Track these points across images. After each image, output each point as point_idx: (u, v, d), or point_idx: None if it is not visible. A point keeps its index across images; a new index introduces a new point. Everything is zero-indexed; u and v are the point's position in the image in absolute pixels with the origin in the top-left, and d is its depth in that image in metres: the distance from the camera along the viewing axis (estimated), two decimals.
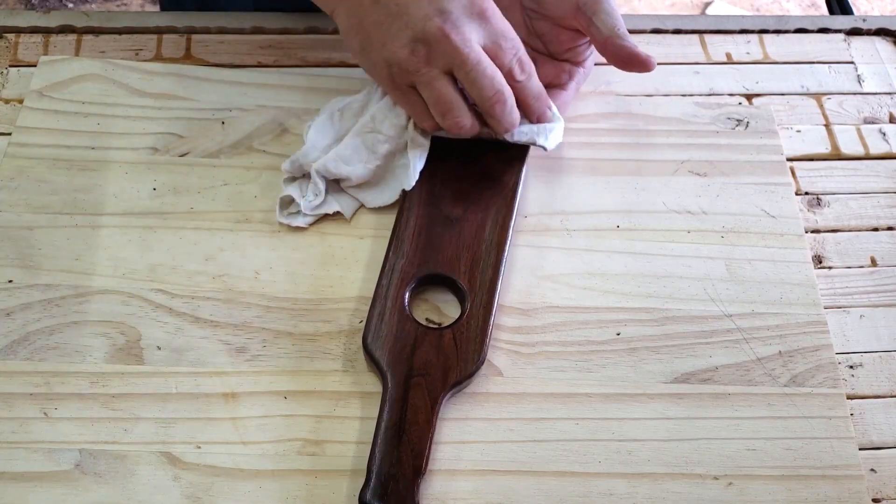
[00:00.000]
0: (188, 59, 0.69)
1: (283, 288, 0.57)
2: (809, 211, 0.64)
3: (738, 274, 0.60)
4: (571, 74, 0.64)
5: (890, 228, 0.64)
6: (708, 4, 2.02)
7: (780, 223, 0.62)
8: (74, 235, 0.59)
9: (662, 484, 0.52)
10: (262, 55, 0.69)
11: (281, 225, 0.60)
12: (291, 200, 0.60)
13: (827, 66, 0.72)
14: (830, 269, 0.62)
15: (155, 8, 1.82)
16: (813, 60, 0.73)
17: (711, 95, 0.70)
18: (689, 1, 2.03)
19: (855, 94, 0.71)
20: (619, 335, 0.57)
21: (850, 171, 0.67)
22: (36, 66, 0.66)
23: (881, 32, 0.75)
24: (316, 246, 0.59)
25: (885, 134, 0.68)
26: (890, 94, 0.71)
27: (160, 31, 0.70)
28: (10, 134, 0.63)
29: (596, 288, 0.59)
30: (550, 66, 0.64)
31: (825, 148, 0.68)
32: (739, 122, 0.67)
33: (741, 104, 0.69)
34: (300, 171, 0.60)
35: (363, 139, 0.60)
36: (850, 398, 0.56)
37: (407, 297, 0.56)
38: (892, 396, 0.56)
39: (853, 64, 0.73)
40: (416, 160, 0.60)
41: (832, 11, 1.04)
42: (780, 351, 0.57)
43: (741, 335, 0.57)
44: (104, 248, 0.58)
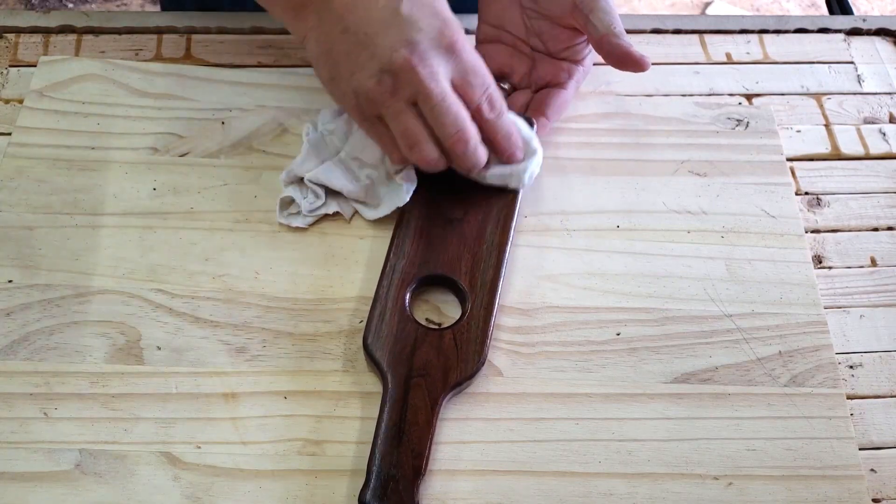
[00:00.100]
0: (188, 59, 0.69)
1: (283, 288, 0.57)
2: (809, 211, 0.64)
3: (738, 274, 0.60)
4: (570, 73, 0.64)
5: (890, 228, 0.64)
6: (708, 4, 2.02)
7: (780, 223, 0.62)
8: (74, 235, 0.59)
9: (662, 484, 0.52)
10: (262, 55, 0.69)
11: (281, 225, 0.60)
12: (291, 201, 0.60)
13: (827, 66, 0.72)
14: (830, 269, 0.62)
15: (155, 8, 1.82)
16: (813, 60, 0.73)
17: (711, 95, 0.70)
18: (689, 1, 2.03)
19: (855, 94, 0.71)
20: (619, 335, 0.57)
21: (850, 171, 0.66)
22: (36, 66, 0.66)
23: (881, 32, 0.75)
24: (316, 246, 0.59)
25: (885, 134, 0.68)
26: (890, 94, 0.71)
27: (160, 31, 0.70)
28: (10, 134, 0.63)
29: (596, 288, 0.59)
30: (549, 65, 0.64)
31: (825, 148, 0.68)
32: (739, 122, 0.67)
33: (741, 104, 0.69)
34: (296, 180, 0.60)
35: (347, 165, 0.60)
36: (850, 398, 0.56)
37: (408, 297, 0.56)
38: (892, 396, 0.56)
39: (853, 64, 0.73)
40: (406, 183, 0.59)
41: (832, 11, 1.04)
42: (780, 351, 0.57)
43: (741, 335, 0.57)
44: (104, 248, 0.58)
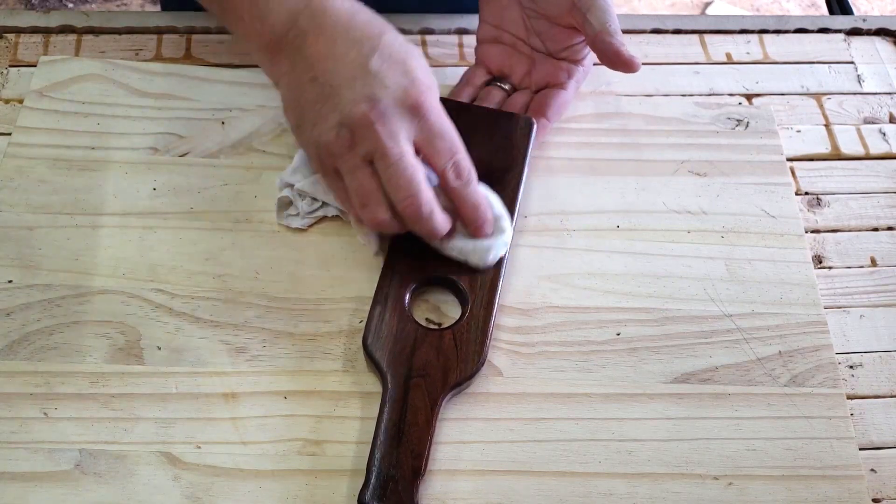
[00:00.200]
0: (188, 59, 0.69)
1: (283, 288, 0.57)
2: (809, 211, 0.64)
3: (738, 274, 0.60)
4: (570, 73, 0.64)
5: (890, 228, 0.64)
6: (708, 4, 2.02)
7: (780, 223, 0.62)
8: (74, 235, 0.59)
9: (662, 484, 0.52)
10: None
11: (281, 225, 0.60)
12: (290, 202, 0.60)
13: (827, 66, 0.72)
14: (830, 269, 0.62)
15: (155, 8, 1.82)
16: (813, 60, 0.73)
17: (711, 95, 0.70)
18: (689, 1, 2.03)
19: (855, 94, 0.71)
20: (619, 335, 0.57)
21: (850, 171, 0.66)
22: (36, 66, 0.66)
23: (881, 32, 0.75)
24: (316, 246, 0.59)
25: (885, 134, 0.68)
26: (890, 94, 0.71)
27: (160, 31, 0.70)
28: (10, 134, 0.63)
29: (596, 288, 0.59)
30: (549, 65, 0.64)
31: (825, 148, 0.68)
32: (739, 122, 0.67)
33: (741, 104, 0.69)
34: (289, 186, 0.60)
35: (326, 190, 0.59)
36: (850, 398, 0.56)
37: (407, 298, 0.55)
38: (892, 396, 0.56)
39: (853, 64, 0.73)
40: (369, 238, 0.58)
41: (832, 11, 1.04)
42: (780, 351, 0.57)
43: (741, 335, 0.57)
44: (104, 248, 0.58)
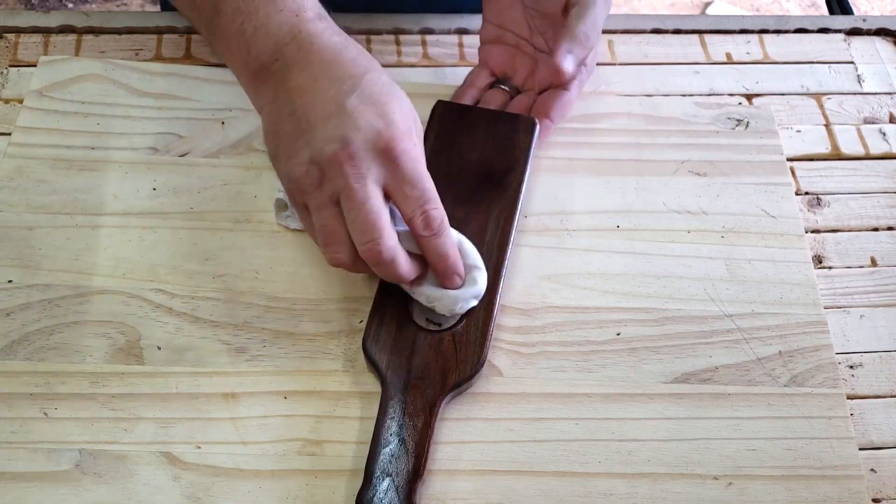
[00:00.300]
0: (188, 59, 0.69)
1: (283, 288, 0.57)
2: (809, 211, 0.64)
3: (738, 274, 0.60)
4: (573, 73, 0.64)
5: (890, 228, 0.64)
6: (708, 4, 2.02)
7: (780, 223, 0.62)
8: (74, 235, 0.59)
9: (662, 484, 0.52)
10: None
11: (280, 225, 0.60)
12: (286, 204, 0.60)
13: (827, 66, 0.72)
14: (830, 269, 0.61)
15: (155, 8, 1.82)
16: (813, 60, 0.73)
17: (711, 95, 0.70)
18: (689, 1, 2.03)
19: (855, 94, 0.71)
20: (619, 335, 0.57)
21: (850, 171, 0.66)
22: (36, 66, 0.66)
23: (881, 32, 0.75)
24: (316, 246, 0.59)
25: (885, 134, 0.68)
26: (890, 94, 0.71)
27: (160, 31, 0.70)
28: (10, 134, 0.63)
29: (596, 288, 0.59)
30: (553, 65, 0.64)
31: (825, 148, 0.68)
32: (739, 122, 0.67)
33: (741, 104, 0.69)
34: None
35: None
36: (850, 398, 0.56)
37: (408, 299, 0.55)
38: (892, 396, 0.56)
39: (853, 64, 0.73)
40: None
41: (832, 11, 1.04)
42: (780, 351, 0.57)
43: (741, 335, 0.57)
44: (104, 248, 0.58)
